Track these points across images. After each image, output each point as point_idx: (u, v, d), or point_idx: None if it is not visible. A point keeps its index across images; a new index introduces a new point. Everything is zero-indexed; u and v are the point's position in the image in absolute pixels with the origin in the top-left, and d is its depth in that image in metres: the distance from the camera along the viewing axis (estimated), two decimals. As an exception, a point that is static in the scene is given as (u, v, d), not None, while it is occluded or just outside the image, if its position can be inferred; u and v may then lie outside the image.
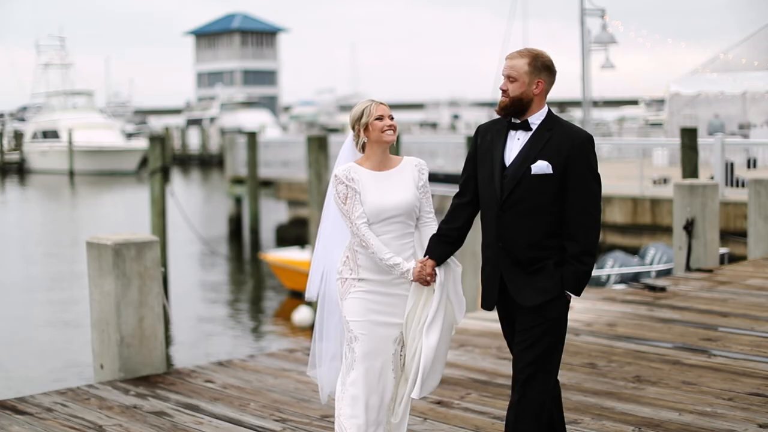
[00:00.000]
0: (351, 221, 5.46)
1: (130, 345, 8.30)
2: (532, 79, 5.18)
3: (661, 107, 65.41)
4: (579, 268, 5.17)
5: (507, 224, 5.18)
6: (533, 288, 5.18)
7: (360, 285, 5.49)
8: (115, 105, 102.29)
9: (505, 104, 5.23)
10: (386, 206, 5.44)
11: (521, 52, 5.26)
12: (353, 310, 5.48)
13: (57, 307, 22.20)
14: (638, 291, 11.83)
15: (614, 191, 23.56)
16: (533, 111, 5.22)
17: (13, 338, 19.23)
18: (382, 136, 5.50)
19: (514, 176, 5.15)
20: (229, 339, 18.98)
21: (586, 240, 5.16)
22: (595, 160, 5.19)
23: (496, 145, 5.26)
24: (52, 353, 17.79)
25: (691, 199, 13.32)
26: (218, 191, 54.38)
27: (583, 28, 27.40)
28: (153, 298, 8.41)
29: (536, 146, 5.16)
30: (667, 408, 7.13)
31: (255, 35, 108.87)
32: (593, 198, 5.18)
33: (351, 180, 5.47)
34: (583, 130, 5.28)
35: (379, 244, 5.42)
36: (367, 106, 5.55)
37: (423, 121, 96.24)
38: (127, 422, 7.14)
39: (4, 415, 7.35)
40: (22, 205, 52.21)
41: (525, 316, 5.22)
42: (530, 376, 5.23)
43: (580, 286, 5.21)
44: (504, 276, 5.24)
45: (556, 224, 5.17)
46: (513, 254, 5.19)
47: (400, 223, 5.48)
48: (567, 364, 8.37)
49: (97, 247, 8.32)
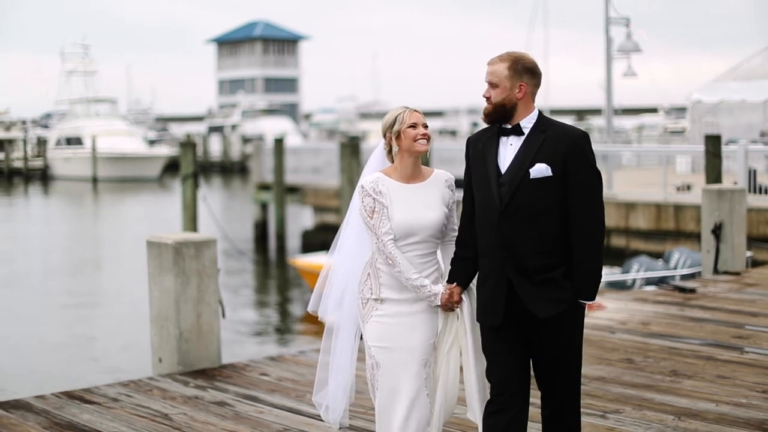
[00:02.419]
0: (378, 237, 5.24)
1: (189, 340, 8.71)
2: (513, 84, 5.03)
3: (680, 115, 65.72)
4: (588, 270, 5.02)
5: (509, 232, 4.98)
6: (546, 299, 4.98)
7: (381, 308, 5.28)
8: (137, 112, 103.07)
9: (488, 111, 5.10)
10: (415, 225, 5.23)
11: (501, 57, 5.11)
12: (375, 336, 5.28)
13: (81, 303, 22.76)
14: (668, 292, 12.18)
15: (638, 198, 23.94)
16: (522, 115, 5.07)
17: (60, 335, 19.82)
18: (415, 146, 5.29)
19: (512, 182, 4.98)
20: (266, 338, 19.44)
21: (592, 240, 5.02)
22: (593, 157, 5.06)
23: (488, 153, 5.10)
24: (101, 349, 18.37)
25: (719, 204, 13.67)
26: (241, 198, 54.93)
27: (608, 37, 27.71)
28: (210, 295, 8.82)
29: (531, 149, 5.00)
30: (703, 399, 7.49)
31: (277, 43, 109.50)
32: (596, 195, 5.04)
33: (378, 193, 5.26)
34: (578, 128, 5.14)
35: (406, 263, 5.21)
36: (400, 113, 5.34)
37: (442, 129, 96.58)
38: (190, 411, 7.54)
39: (74, 404, 7.77)
40: (62, 209, 52.79)
41: (538, 328, 5.04)
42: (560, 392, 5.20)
43: (593, 291, 5.06)
44: (515, 286, 5.00)
45: (560, 227, 5.00)
46: (519, 262, 4.98)
47: (427, 242, 5.28)
48: (605, 359, 8.77)
49: (157, 246, 8.74)
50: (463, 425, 6.74)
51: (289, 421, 7.19)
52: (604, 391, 7.75)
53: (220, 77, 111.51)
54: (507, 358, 5.13)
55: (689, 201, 22.94)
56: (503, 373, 5.14)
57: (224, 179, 75.60)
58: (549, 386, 5.21)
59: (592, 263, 5.03)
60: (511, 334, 5.11)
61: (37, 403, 7.80)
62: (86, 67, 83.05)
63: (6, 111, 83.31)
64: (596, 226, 5.03)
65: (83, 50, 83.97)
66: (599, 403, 7.44)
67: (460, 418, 6.82)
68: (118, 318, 21.50)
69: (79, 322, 21.17)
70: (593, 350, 9.09)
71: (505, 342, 5.12)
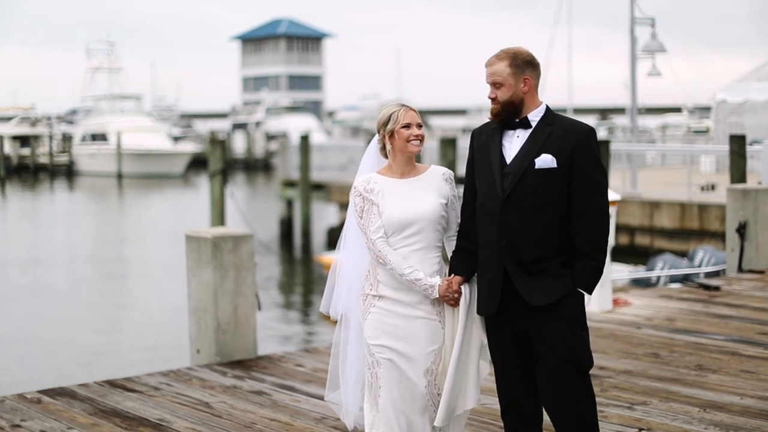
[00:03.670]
0: (367, 237, 5.18)
1: (226, 331, 8.97)
2: (518, 79, 5.01)
3: (703, 115, 65.66)
4: (590, 264, 4.99)
5: (510, 222, 4.96)
6: (542, 287, 4.95)
7: (379, 304, 5.18)
8: (161, 109, 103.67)
9: (497, 111, 5.06)
10: (409, 215, 5.13)
11: (498, 56, 5.07)
12: (372, 333, 5.17)
13: (110, 300, 23.12)
14: (693, 290, 12.37)
15: (662, 197, 24.12)
16: (529, 108, 5.05)
17: (96, 325, 20.25)
18: (408, 147, 5.21)
19: (516, 172, 4.96)
20: (296, 331, 19.79)
21: (595, 235, 5.00)
22: (599, 152, 5.06)
23: (492, 144, 5.09)
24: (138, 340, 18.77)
25: (744, 203, 13.83)
26: (264, 195, 55.24)
27: (633, 37, 27.84)
28: (247, 287, 9.07)
29: (538, 141, 4.99)
30: (728, 392, 7.68)
31: (301, 40, 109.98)
32: (601, 191, 5.02)
33: (369, 191, 5.19)
34: (585, 123, 5.11)
35: (397, 258, 5.10)
36: (395, 111, 5.24)
37: (465, 127, 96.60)
38: (230, 400, 7.80)
39: (116, 392, 8.04)
40: (87, 205, 53.24)
41: (538, 318, 4.99)
42: (565, 381, 5.03)
43: (591, 284, 5.01)
44: (511, 276, 4.98)
45: (561, 221, 4.98)
46: (517, 253, 4.96)
47: (422, 234, 5.15)
48: (632, 353, 8.97)
49: (196, 240, 8.99)
50: (492, 414, 6.94)
51: (326, 410, 7.40)
52: (631, 384, 7.96)
53: (244, 74, 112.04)
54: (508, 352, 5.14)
55: (713, 200, 23.12)
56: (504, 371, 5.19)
57: (248, 176, 76.05)
58: (555, 387, 5.05)
59: (594, 257, 5.00)
60: (509, 329, 5.08)
61: (81, 391, 8.08)
62: (111, 63, 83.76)
63: (32, 107, 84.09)
64: (600, 220, 5.00)
65: (109, 47, 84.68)
66: (626, 395, 7.64)
67: (489, 408, 7.07)
68: (148, 312, 21.87)
69: (111, 316, 21.56)
70: (620, 345, 9.30)
71: (503, 336, 5.11)
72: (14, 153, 76.35)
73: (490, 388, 6.11)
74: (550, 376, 5.04)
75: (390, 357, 5.12)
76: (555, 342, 4.99)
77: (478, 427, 6.88)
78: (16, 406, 7.63)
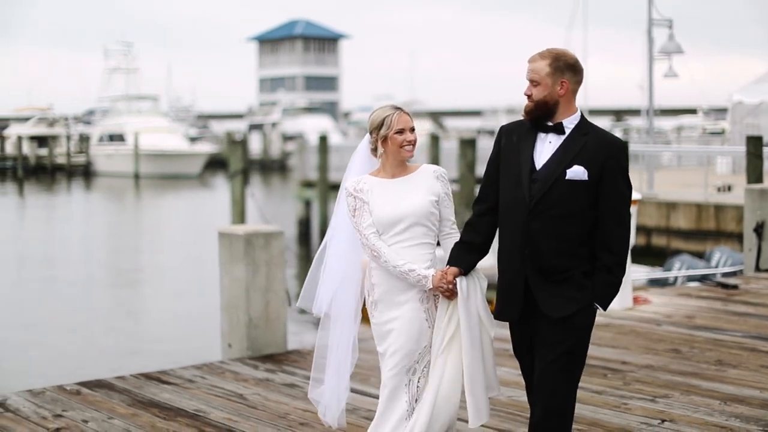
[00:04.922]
0: (360, 232, 5.23)
1: (257, 326, 9.21)
2: (555, 81, 4.98)
3: (719, 116, 65.64)
4: (610, 278, 5.00)
5: (535, 231, 4.95)
6: (563, 298, 4.97)
7: (376, 314, 5.29)
8: (178, 109, 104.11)
9: (530, 108, 5.04)
10: (394, 212, 5.17)
11: (542, 54, 5.05)
12: (379, 343, 5.32)
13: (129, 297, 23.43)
14: (711, 288, 12.57)
15: (679, 198, 24.28)
16: (564, 114, 5.02)
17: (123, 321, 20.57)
18: (401, 152, 5.23)
19: (546, 180, 4.94)
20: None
21: (620, 250, 5.01)
22: (628, 168, 5.08)
23: (524, 147, 5.04)
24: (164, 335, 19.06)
25: (761, 203, 14.02)
26: (281, 195, 55.47)
27: (650, 38, 28.00)
28: (277, 283, 9.32)
29: (571, 151, 4.96)
30: (748, 387, 7.89)
31: (317, 41, 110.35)
32: (626, 207, 5.02)
33: (360, 191, 5.24)
34: (618, 138, 5.11)
35: (391, 252, 5.15)
36: (388, 115, 5.21)
37: (480, 128, 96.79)
38: (263, 392, 8.03)
39: (152, 384, 8.29)
40: (104, 205, 53.58)
41: (551, 327, 5.01)
42: (555, 390, 5.04)
43: (608, 300, 5.04)
44: (531, 284, 5.00)
45: (586, 232, 4.98)
46: (539, 262, 4.97)
47: (412, 231, 5.18)
48: (652, 349, 9.19)
49: (228, 237, 9.24)
50: (518, 406, 7.16)
51: (357, 401, 7.63)
52: (653, 378, 8.17)
53: (260, 75, 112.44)
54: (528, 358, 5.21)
55: (730, 201, 23.28)
56: (528, 377, 5.26)
57: (264, 177, 76.32)
58: (539, 389, 5.09)
59: (615, 273, 5.02)
60: (527, 333, 5.14)
61: (118, 383, 8.33)
62: (128, 64, 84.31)
63: (49, 107, 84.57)
64: (623, 234, 5.02)
65: (126, 48, 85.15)
66: (649, 388, 7.85)
67: (515, 400, 7.29)
68: (175, 308, 22.15)
69: (137, 309, 21.91)
70: (641, 341, 9.52)
71: (525, 346, 5.18)
72: (32, 153, 76.77)
73: (516, 381, 6.34)
74: (542, 380, 5.08)
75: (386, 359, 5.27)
76: (557, 353, 5.01)
77: (505, 417, 7.10)
78: (56, 397, 7.89)
